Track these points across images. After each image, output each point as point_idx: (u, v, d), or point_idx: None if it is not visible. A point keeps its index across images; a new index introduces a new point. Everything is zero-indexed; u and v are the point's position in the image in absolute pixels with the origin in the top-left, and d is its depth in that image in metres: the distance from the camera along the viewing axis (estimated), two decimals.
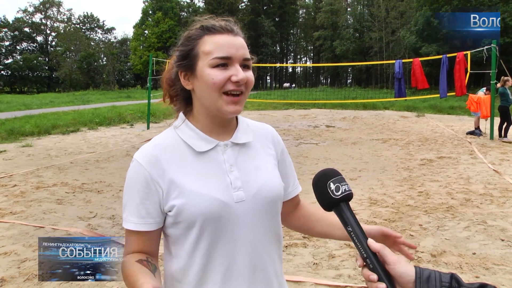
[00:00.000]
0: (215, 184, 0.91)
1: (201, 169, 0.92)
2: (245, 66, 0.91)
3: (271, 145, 1.05)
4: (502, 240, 3.69)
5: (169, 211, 0.90)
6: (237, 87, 0.89)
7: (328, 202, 0.79)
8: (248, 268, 0.92)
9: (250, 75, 0.91)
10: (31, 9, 67.00)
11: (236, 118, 1.02)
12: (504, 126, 9.90)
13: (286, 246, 3.56)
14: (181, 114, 0.99)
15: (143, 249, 0.93)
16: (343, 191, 0.78)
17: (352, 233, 0.76)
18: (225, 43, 0.89)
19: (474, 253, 3.41)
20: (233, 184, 0.92)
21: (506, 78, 10.08)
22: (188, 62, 0.92)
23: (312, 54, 75.84)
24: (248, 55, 0.92)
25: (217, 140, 0.95)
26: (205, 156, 0.93)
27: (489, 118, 10.33)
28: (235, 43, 0.90)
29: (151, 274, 0.85)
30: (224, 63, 0.88)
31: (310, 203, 1.16)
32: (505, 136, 9.83)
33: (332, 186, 0.78)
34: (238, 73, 0.88)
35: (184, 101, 0.99)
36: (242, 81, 0.88)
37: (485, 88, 11.09)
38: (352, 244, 3.43)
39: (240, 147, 0.97)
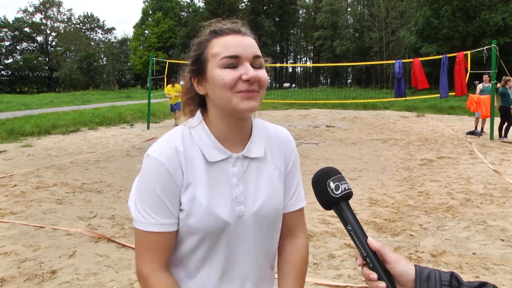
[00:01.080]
0: (222, 198, 0.91)
1: (210, 179, 0.91)
2: (256, 65, 0.89)
3: (281, 155, 1.02)
4: (502, 240, 3.69)
5: (180, 212, 0.91)
6: (249, 86, 0.86)
7: (327, 201, 0.78)
8: (240, 278, 0.95)
9: (262, 73, 0.89)
10: (31, 9, 67.32)
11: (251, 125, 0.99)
12: (504, 126, 9.89)
13: None
14: (198, 113, 0.97)
15: (165, 255, 0.90)
16: (342, 190, 0.78)
17: (351, 232, 0.76)
18: (233, 42, 0.88)
19: (474, 253, 3.40)
20: (238, 199, 0.92)
21: (507, 78, 10.09)
22: (198, 66, 0.92)
23: (312, 54, 75.86)
24: (259, 53, 0.91)
25: (229, 152, 0.93)
26: (216, 166, 0.92)
27: (489, 118, 10.35)
28: (243, 42, 0.89)
29: None
30: (233, 63, 0.87)
31: (301, 264, 1.04)
32: (505, 136, 9.83)
33: (332, 185, 0.78)
34: (248, 71, 0.86)
35: (198, 106, 0.98)
36: (253, 79, 0.86)
37: (484, 81, 10.95)
38: (352, 244, 3.40)
39: (250, 161, 0.96)
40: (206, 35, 0.93)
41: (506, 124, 9.86)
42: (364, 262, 0.74)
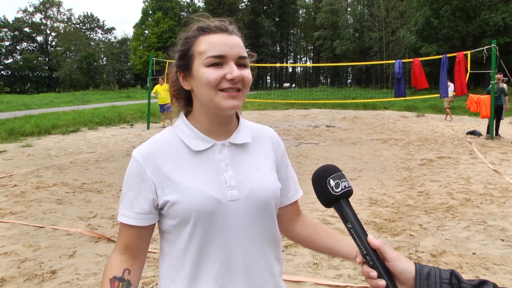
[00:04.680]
0: (209, 181, 0.91)
1: (196, 168, 0.92)
2: (241, 65, 0.91)
3: (270, 148, 1.05)
4: (502, 240, 3.69)
5: (163, 206, 0.92)
6: (233, 84, 0.89)
7: (327, 198, 0.78)
8: (242, 268, 0.93)
9: (246, 73, 0.91)
10: (31, 9, 67.06)
11: (238, 119, 1.02)
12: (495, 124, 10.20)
13: (286, 246, 3.56)
14: (181, 114, 1.00)
15: (132, 244, 0.95)
16: (343, 187, 0.78)
17: (351, 229, 0.76)
18: (219, 42, 0.89)
19: (474, 253, 3.41)
20: (227, 183, 0.92)
21: (498, 76, 10.21)
22: (185, 62, 0.94)
23: (312, 54, 75.89)
24: (244, 54, 0.92)
25: (214, 140, 0.95)
26: (202, 155, 0.94)
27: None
28: (229, 42, 0.90)
29: None
30: (218, 62, 0.88)
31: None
32: (497, 134, 10.13)
33: (332, 183, 0.78)
34: (233, 70, 0.88)
35: (184, 101, 1.01)
36: (237, 78, 0.88)
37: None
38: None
39: (237, 148, 0.97)
40: (194, 31, 0.94)
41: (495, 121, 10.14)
42: (364, 260, 0.74)
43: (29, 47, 65.67)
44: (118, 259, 0.95)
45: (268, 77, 70.68)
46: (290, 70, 79.73)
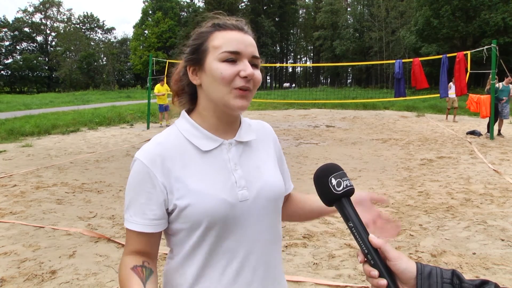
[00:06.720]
0: (221, 183, 0.90)
1: (206, 168, 0.91)
2: (253, 64, 0.91)
3: (270, 143, 1.06)
4: (502, 240, 3.69)
5: (174, 210, 0.89)
6: (246, 83, 0.89)
7: (329, 197, 0.78)
8: (252, 267, 0.93)
9: (257, 73, 0.91)
10: (31, 9, 67.18)
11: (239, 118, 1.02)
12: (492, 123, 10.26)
13: (286, 246, 3.56)
14: (183, 112, 0.99)
15: (143, 249, 0.91)
16: (344, 186, 0.77)
17: (353, 228, 0.75)
18: (235, 38, 0.90)
19: (474, 253, 3.40)
20: (238, 183, 0.91)
21: (509, 78, 10.24)
22: (197, 56, 0.93)
23: (312, 54, 75.90)
24: (257, 53, 0.93)
25: (221, 139, 0.95)
26: (210, 154, 0.93)
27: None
28: (244, 40, 0.91)
29: (141, 285, 0.85)
30: (233, 58, 0.88)
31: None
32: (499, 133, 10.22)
33: (334, 182, 0.78)
34: (247, 68, 0.88)
35: (188, 97, 0.99)
36: (250, 76, 0.88)
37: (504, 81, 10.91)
38: (352, 244, 3.39)
39: (243, 146, 0.98)
40: (209, 27, 0.94)
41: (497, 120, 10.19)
42: (366, 259, 0.74)
43: (29, 47, 65.69)
44: (131, 258, 0.90)
45: (268, 77, 70.64)
46: (290, 70, 79.73)
